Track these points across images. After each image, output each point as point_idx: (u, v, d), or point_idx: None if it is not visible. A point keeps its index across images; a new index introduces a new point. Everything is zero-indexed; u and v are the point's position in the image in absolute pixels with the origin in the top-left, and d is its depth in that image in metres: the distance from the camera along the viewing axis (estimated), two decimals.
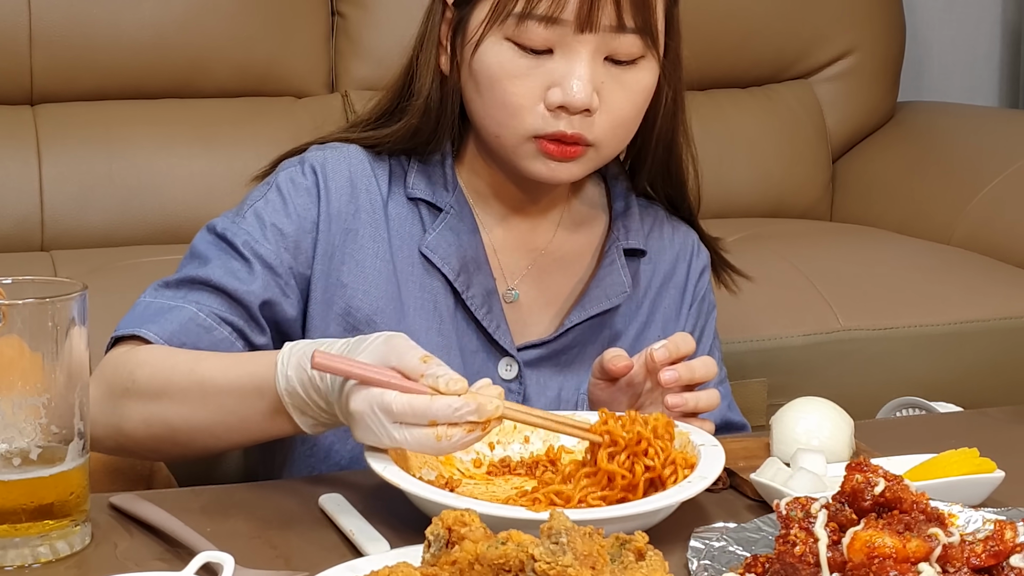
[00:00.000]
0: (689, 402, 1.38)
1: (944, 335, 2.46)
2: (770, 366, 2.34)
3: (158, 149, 2.72)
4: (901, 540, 1.01)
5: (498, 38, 1.41)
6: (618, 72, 1.43)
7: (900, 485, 1.07)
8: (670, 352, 1.38)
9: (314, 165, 1.48)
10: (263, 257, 1.42)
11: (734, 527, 1.16)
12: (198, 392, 1.29)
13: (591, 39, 1.39)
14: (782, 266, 2.56)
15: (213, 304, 1.39)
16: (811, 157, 3.18)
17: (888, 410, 1.83)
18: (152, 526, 1.19)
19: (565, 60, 1.40)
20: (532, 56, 1.40)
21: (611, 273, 1.54)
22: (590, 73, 1.40)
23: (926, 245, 2.80)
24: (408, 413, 1.15)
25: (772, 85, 3.21)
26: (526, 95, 1.41)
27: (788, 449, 1.34)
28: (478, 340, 1.49)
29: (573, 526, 0.97)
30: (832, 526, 1.05)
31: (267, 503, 1.26)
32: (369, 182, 1.48)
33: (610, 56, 1.42)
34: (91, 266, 2.41)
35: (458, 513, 1.00)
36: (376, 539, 1.16)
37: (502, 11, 1.40)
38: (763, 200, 3.11)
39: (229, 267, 1.41)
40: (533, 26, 1.39)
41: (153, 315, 1.38)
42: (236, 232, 1.44)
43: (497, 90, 1.41)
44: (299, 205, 1.46)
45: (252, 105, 2.85)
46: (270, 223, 1.44)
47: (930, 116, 3.26)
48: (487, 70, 1.42)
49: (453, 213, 1.50)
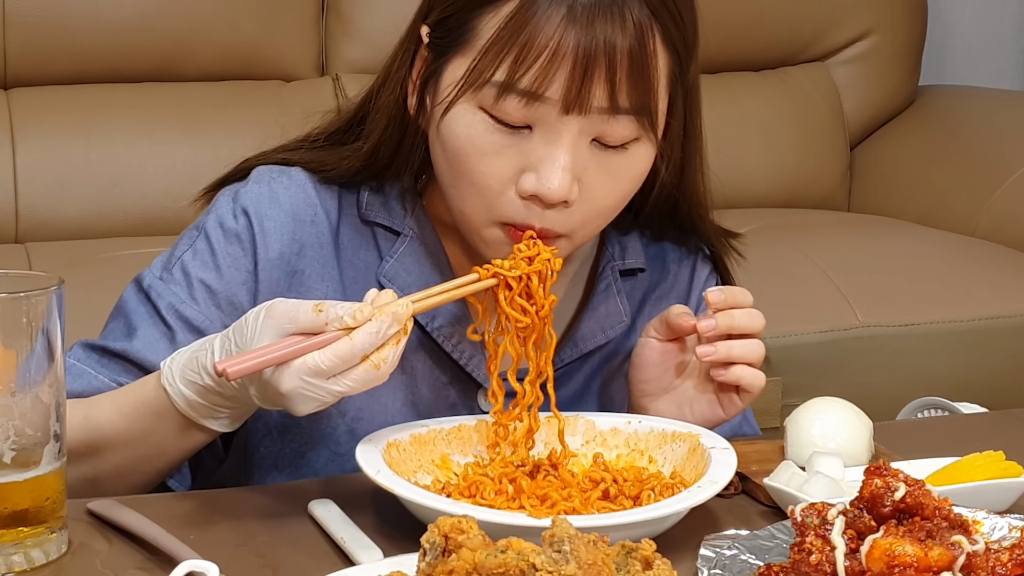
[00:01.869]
0: (720, 350, 1.35)
1: (968, 332, 2.46)
2: (785, 365, 2.34)
3: (138, 136, 2.72)
4: (923, 548, 1.01)
5: (471, 106, 1.29)
6: (605, 157, 1.31)
7: (922, 490, 1.07)
8: (725, 297, 1.35)
9: (246, 207, 1.39)
10: (190, 321, 1.37)
11: (746, 535, 1.16)
12: (102, 440, 1.30)
13: (577, 120, 1.27)
14: (797, 259, 2.56)
15: (128, 377, 1.36)
16: (828, 144, 3.18)
17: (909, 411, 1.84)
18: (132, 533, 1.18)
19: (544, 142, 1.28)
20: (508, 131, 1.29)
21: (606, 301, 1.47)
22: (571, 161, 1.28)
23: (949, 237, 2.80)
24: (338, 363, 1.17)
25: (786, 68, 3.21)
26: (496, 176, 1.30)
27: (803, 452, 1.34)
28: (452, 371, 1.43)
29: (576, 533, 0.97)
30: (850, 533, 1.05)
31: (254, 509, 1.26)
32: (314, 212, 1.41)
33: (598, 139, 1.30)
34: (68, 259, 2.41)
35: (455, 520, 1.00)
36: (369, 547, 1.16)
37: (478, 77, 1.28)
38: (777, 190, 3.12)
39: (151, 338, 1.38)
40: (512, 100, 1.26)
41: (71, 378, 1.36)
42: (161, 293, 1.38)
43: (465, 165, 1.31)
44: (229, 255, 1.39)
45: (237, 89, 2.85)
46: (197, 279, 1.38)
47: (953, 101, 3.27)
48: (455, 140, 1.31)
49: (413, 236, 1.42)
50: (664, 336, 1.40)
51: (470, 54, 1.29)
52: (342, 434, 1.40)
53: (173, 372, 1.26)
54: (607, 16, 1.25)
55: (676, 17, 1.30)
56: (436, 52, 1.34)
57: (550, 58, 1.25)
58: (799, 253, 2.59)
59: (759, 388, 1.38)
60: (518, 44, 1.26)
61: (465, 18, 1.30)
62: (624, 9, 1.26)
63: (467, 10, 1.30)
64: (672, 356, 1.41)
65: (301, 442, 1.41)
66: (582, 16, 1.25)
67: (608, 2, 1.26)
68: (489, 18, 1.28)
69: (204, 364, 1.23)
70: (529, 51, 1.26)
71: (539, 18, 1.25)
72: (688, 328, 1.38)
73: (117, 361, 1.38)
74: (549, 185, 1.28)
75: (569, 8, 1.25)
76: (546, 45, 1.25)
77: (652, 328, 1.41)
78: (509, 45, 1.26)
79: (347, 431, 1.40)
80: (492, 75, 1.27)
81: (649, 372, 1.41)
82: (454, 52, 1.31)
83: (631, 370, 1.43)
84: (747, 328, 1.36)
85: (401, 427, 1.30)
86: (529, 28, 1.26)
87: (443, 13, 1.33)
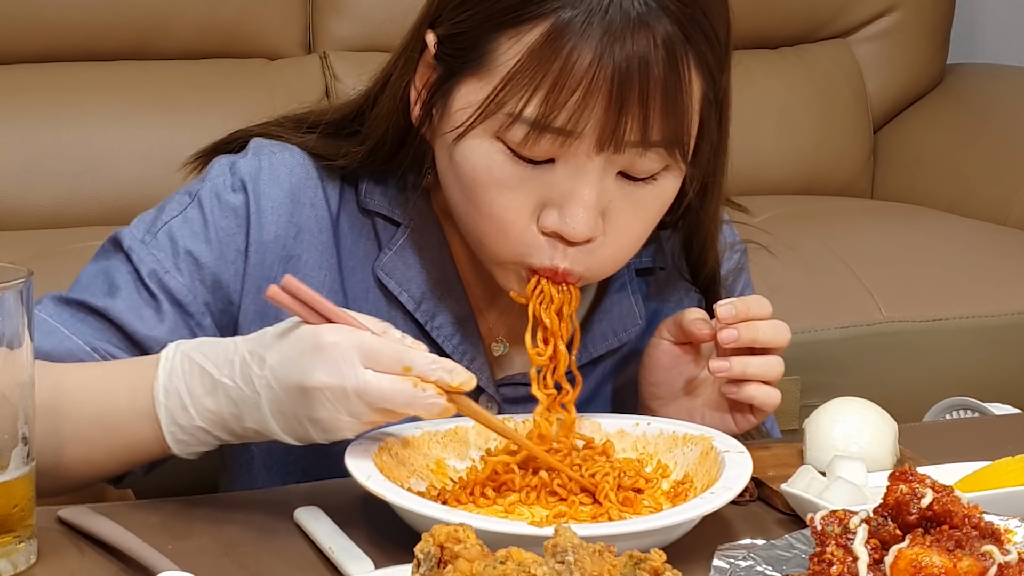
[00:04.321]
0: (735, 367, 1.34)
1: (1000, 327, 2.46)
2: (804, 362, 2.34)
3: (112, 118, 2.72)
4: (951, 559, 1.02)
5: (488, 135, 1.28)
6: (631, 189, 1.30)
7: (950, 497, 1.07)
8: (737, 311, 1.34)
9: (244, 180, 1.39)
10: (172, 292, 1.36)
11: (763, 544, 1.16)
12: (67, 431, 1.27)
13: (606, 155, 1.27)
14: (817, 249, 2.56)
15: (105, 339, 1.35)
16: (849, 127, 3.18)
17: (937, 412, 1.84)
18: (106, 543, 1.19)
19: (568, 176, 1.27)
20: (528, 165, 1.28)
21: (620, 302, 1.47)
22: (597, 198, 1.28)
23: (979, 226, 2.80)
24: (386, 353, 1.17)
25: (805, 45, 3.21)
26: (516, 210, 1.29)
27: (824, 456, 1.34)
28: None
29: (581, 543, 0.97)
30: (873, 543, 1.05)
31: (235, 517, 1.26)
32: (315, 193, 1.41)
33: (624, 172, 1.29)
34: (37, 250, 2.41)
35: (451, 528, 1.00)
36: (359, 557, 1.16)
37: (499, 108, 1.26)
38: (795, 175, 3.12)
39: (134, 302, 1.36)
40: (546, 137, 1.25)
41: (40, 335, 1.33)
42: (143, 257, 1.37)
43: (482, 198, 1.29)
44: (222, 229, 1.38)
45: (219, 68, 2.85)
46: (184, 249, 1.37)
47: (984, 80, 3.27)
48: (471, 171, 1.29)
49: (414, 228, 1.42)
50: (677, 339, 1.40)
51: (487, 79, 1.28)
52: None
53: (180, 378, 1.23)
54: (639, 46, 1.24)
55: (711, 38, 1.28)
56: (446, 67, 1.32)
57: (584, 95, 1.24)
58: (819, 243, 2.59)
59: (774, 407, 1.37)
60: (548, 79, 1.24)
61: (480, 39, 1.29)
62: (655, 36, 1.24)
63: (483, 31, 1.28)
64: (684, 361, 1.41)
65: None
66: (613, 49, 1.23)
67: (639, 29, 1.24)
68: (509, 43, 1.26)
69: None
70: (562, 87, 1.24)
71: (569, 51, 1.24)
72: (704, 336, 1.37)
73: (96, 319, 1.36)
74: (574, 224, 1.27)
75: (599, 41, 1.23)
76: (579, 81, 1.23)
77: (665, 329, 1.41)
78: (537, 79, 1.25)
79: None
80: (520, 110, 1.25)
81: (659, 376, 1.41)
82: (467, 73, 1.30)
83: (641, 371, 1.43)
84: (770, 342, 1.35)
85: (393, 429, 1.30)
86: (559, 62, 1.24)
87: (455, 28, 1.31)
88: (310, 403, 1.18)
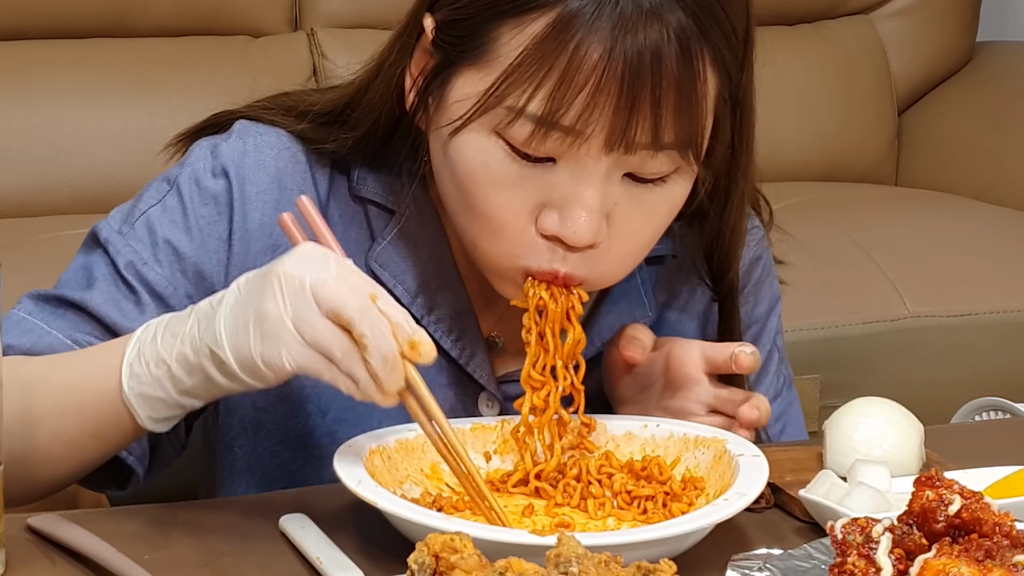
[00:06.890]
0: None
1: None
2: (823, 360, 2.35)
3: (85, 99, 2.73)
4: (981, 570, 1.02)
5: (486, 129, 1.28)
6: (638, 191, 1.30)
7: (979, 504, 1.07)
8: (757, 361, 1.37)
9: (226, 166, 1.39)
10: (151, 284, 1.37)
11: (780, 554, 1.16)
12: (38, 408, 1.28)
13: (613, 156, 1.26)
14: (838, 240, 2.56)
15: (85, 332, 1.36)
16: (872, 109, 3.18)
17: (965, 413, 1.84)
18: (79, 553, 1.19)
19: (571, 177, 1.27)
20: (528, 164, 1.28)
21: (628, 292, 1.46)
22: (601, 200, 1.27)
23: (1010, 215, 2.80)
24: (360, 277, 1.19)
25: (825, 22, 3.21)
26: (514, 210, 1.29)
27: (845, 460, 1.34)
28: (450, 372, 1.43)
29: (586, 553, 0.97)
30: (898, 553, 1.05)
31: (217, 525, 1.26)
32: (303, 179, 1.41)
33: (632, 173, 1.29)
34: (5, 240, 2.41)
35: (447, 537, 1.00)
36: (348, 568, 1.16)
37: (499, 102, 1.26)
38: (815, 161, 3.12)
39: (112, 295, 1.37)
40: (552, 136, 1.25)
41: (19, 333, 1.35)
42: (120, 249, 1.37)
43: (478, 195, 1.30)
44: (202, 218, 1.39)
45: (199, 46, 2.85)
46: (163, 239, 1.38)
47: (1015, 59, 3.27)
48: (467, 167, 1.30)
49: (410, 216, 1.42)
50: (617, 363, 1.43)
51: (487, 71, 1.28)
52: (322, 435, 1.41)
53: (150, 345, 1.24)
54: (651, 40, 1.24)
55: (728, 33, 1.28)
56: (443, 55, 1.32)
57: (593, 92, 1.24)
58: (840, 233, 2.59)
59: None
60: (554, 74, 1.24)
61: (481, 27, 1.29)
62: (668, 29, 1.24)
63: (484, 19, 1.28)
64: (636, 386, 1.43)
65: (275, 441, 1.42)
66: (624, 42, 1.23)
67: (651, 22, 1.24)
68: (512, 34, 1.26)
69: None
70: (569, 84, 1.24)
71: (576, 44, 1.23)
72: (635, 361, 1.39)
73: (75, 312, 1.36)
74: (574, 228, 1.27)
75: (609, 34, 1.23)
76: (588, 78, 1.23)
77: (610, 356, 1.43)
78: (541, 73, 1.24)
79: (327, 433, 1.40)
80: (523, 106, 1.25)
81: (618, 379, 1.44)
82: (465, 62, 1.30)
83: (603, 373, 1.45)
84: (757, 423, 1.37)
85: (385, 432, 1.30)
86: (565, 56, 1.24)
87: (454, 14, 1.31)
88: (263, 291, 1.18)
